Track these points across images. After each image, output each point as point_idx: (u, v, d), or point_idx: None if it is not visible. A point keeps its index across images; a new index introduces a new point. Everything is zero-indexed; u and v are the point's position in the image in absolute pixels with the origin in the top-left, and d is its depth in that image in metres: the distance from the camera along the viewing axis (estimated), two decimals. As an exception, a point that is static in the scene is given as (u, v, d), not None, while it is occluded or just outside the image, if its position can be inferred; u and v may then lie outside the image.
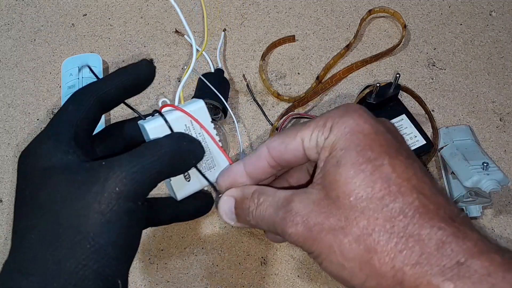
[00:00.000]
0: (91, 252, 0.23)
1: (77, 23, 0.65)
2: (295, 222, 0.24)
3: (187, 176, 0.30)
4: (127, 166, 0.24)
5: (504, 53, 0.61)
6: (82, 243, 0.23)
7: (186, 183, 0.30)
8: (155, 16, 0.65)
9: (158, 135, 0.28)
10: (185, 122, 0.30)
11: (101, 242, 0.23)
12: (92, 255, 0.23)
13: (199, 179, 0.31)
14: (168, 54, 0.62)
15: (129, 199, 0.24)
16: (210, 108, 0.53)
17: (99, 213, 0.23)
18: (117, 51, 0.62)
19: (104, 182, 0.23)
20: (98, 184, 0.23)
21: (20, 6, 0.67)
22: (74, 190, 0.23)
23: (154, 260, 0.49)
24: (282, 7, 0.65)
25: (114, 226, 0.23)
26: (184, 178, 0.30)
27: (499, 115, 0.57)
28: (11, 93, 0.60)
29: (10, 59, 0.62)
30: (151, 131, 0.28)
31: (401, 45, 0.61)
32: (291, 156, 0.26)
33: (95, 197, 0.23)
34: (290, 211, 0.24)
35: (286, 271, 0.49)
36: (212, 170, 0.32)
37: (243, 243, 0.50)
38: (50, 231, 0.23)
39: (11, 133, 0.57)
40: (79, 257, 0.22)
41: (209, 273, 0.49)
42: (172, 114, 0.29)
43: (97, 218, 0.23)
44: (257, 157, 0.27)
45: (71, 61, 0.59)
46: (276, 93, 0.57)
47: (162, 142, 0.27)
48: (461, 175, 0.47)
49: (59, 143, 0.25)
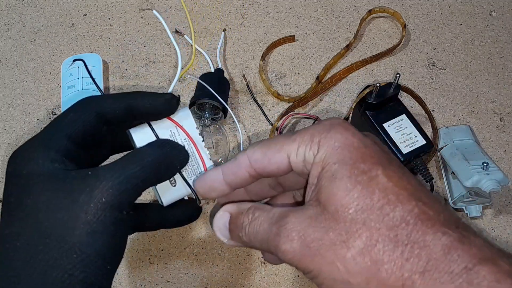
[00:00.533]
0: (78, 262, 0.23)
1: (77, 23, 0.65)
2: (290, 238, 0.22)
3: (173, 181, 0.31)
4: (112, 176, 0.24)
5: (504, 53, 0.61)
6: (69, 253, 0.23)
7: (172, 188, 0.31)
8: (154, 16, 0.65)
9: (145, 142, 0.29)
10: (171, 128, 0.31)
11: (87, 252, 0.23)
12: (78, 264, 0.23)
13: (185, 185, 0.31)
14: (168, 54, 0.62)
15: (115, 208, 0.24)
16: (210, 108, 0.53)
17: (85, 223, 0.23)
18: (117, 51, 0.62)
19: (90, 192, 0.24)
20: (85, 193, 0.24)
21: (20, 6, 0.67)
22: (60, 199, 0.24)
23: (154, 260, 0.49)
24: (282, 7, 0.65)
25: (101, 236, 0.23)
26: (170, 184, 0.31)
27: (499, 115, 0.57)
28: (11, 93, 0.60)
29: (10, 59, 0.62)
30: (138, 138, 0.29)
31: (401, 45, 0.61)
32: (273, 169, 0.26)
33: (82, 207, 0.23)
34: (285, 226, 0.23)
35: (286, 271, 0.49)
36: (198, 175, 0.32)
37: (243, 243, 0.50)
38: (36, 240, 0.23)
39: (11, 133, 0.57)
40: (65, 267, 0.23)
41: (209, 273, 0.49)
42: (158, 121, 0.30)
43: (83, 228, 0.23)
44: (236, 166, 0.27)
45: (71, 61, 0.59)
46: (276, 93, 0.57)
47: (146, 150, 0.27)
48: (461, 175, 0.47)
49: (48, 151, 0.25)
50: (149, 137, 0.30)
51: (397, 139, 0.47)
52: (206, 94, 0.52)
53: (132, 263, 0.49)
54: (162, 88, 0.59)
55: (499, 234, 0.50)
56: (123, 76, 0.60)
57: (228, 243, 0.27)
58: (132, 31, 0.64)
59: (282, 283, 0.48)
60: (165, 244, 0.50)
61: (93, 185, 0.24)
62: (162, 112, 0.30)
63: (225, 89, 0.56)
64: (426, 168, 0.47)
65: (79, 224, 0.23)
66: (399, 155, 0.47)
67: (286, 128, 0.56)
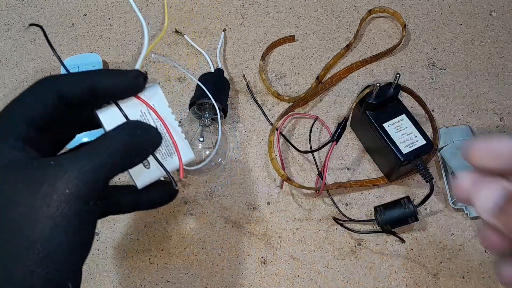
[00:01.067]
0: (39, 258, 0.21)
1: (77, 23, 0.65)
2: None
3: (146, 163, 0.29)
4: (78, 165, 0.23)
5: (504, 53, 0.61)
6: (30, 249, 0.21)
7: (146, 171, 0.29)
8: (155, 16, 0.65)
9: (114, 123, 0.27)
10: (141, 108, 0.29)
11: (49, 248, 0.22)
12: (41, 261, 0.21)
13: (159, 167, 0.29)
14: (168, 54, 0.62)
15: (80, 200, 0.22)
16: (210, 108, 0.53)
17: (48, 217, 0.22)
18: (117, 51, 0.62)
19: (53, 184, 0.22)
20: (47, 184, 0.22)
21: (20, 6, 0.67)
22: (20, 191, 0.22)
23: (154, 260, 0.49)
24: (282, 7, 0.65)
25: (64, 230, 0.22)
26: (144, 166, 0.29)
27: (499, 115, 0.57)
28: (11, 93, 0.60)
29: (10, 59, 0.62)
30: (106, 120, 0.27)
31: (401, 45, 0.61)
32: None
33: (44, 199, 0.22)
34: None
35: (286, 271, 0.49)
36: (173, 156, 0.30)
37: (243, 243, 0.50)
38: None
39: (11, 133, 0.57)
40: (26, 264, 0.21)
41: (209, 273, 0.49)
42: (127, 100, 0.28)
43: (45, 222, 0.22)
44: None
45: (71, 61, 0.59)
46: (276, 93, 0.57)
47: (115, 134, 0.25)
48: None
49: (6, 138, 0.23)
50: (118, 119, 0.27)
51: (397, 139, 0.47)
52: (206, 94, 0.52)
53: (132, 263, 0.49)
54: (163, 88, 0.59)
55: (499, 234, 0.50)
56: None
57: (490, 220, 0.21)
58: (132, 31, 0.64)
59: (282, 283, 0.48)
60: (165, 244, 0.50)
61: (56, 176, 0.22)
62: (128, 90, 0.27)
63: (225, 89, 0.56)
64: (426, 168, 0.47)
65: (40, 218, 0.22)
66: (399, 155, 0.47)
67: (286, 128, 0.56)
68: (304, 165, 0.54)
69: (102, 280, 0.48)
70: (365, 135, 0.53)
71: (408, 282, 0.48)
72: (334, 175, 0.53)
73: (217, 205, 0.52)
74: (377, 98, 0.47)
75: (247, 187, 0.53)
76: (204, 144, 0.52)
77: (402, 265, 0.49)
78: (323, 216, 0.51)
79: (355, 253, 0.49)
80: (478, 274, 0.48)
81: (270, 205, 0.52)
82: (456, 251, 0.49)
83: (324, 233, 0.50)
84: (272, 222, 0.51)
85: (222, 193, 0.53)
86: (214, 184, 0.53)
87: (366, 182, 0.52)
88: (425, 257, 0.49)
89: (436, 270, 0.48)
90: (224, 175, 0.53)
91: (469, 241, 0.50)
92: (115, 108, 0.28)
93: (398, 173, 0.50)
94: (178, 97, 0.59)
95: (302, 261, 0.49)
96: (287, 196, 0.52)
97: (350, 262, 0.49)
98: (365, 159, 0.54)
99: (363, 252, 0.49)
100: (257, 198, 0.52)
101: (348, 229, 0.50)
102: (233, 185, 0.53)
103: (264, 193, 0.52)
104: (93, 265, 0.49)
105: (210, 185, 0.53)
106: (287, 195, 0.52)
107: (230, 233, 0.51)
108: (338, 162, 0.54)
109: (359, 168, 0.54)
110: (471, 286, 0.48)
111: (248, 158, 0.54)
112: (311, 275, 0.48)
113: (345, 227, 0.50)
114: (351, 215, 0.51)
